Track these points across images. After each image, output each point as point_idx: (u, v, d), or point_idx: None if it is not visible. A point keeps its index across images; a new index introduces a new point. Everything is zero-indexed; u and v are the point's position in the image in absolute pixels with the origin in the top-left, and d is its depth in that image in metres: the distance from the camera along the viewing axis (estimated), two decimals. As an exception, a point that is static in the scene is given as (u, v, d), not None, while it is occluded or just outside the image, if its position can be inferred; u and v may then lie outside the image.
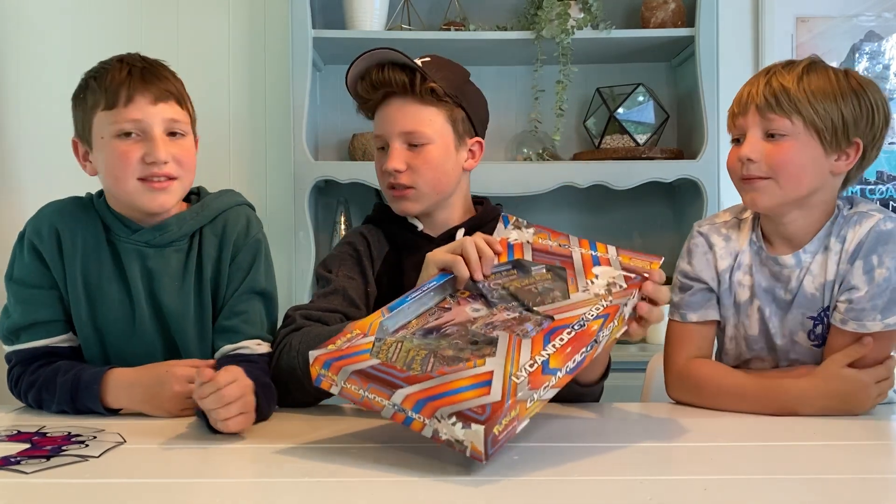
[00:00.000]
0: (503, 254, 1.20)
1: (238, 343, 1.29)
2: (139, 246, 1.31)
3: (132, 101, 1.25)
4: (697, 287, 1.35)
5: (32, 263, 1.30)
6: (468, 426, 0.88)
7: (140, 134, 1.26)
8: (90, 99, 1.29)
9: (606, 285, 1.11)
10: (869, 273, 1.23)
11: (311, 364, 1.00)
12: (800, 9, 2.61)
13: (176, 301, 1.31)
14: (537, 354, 0.97)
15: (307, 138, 2.36)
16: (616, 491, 0.90)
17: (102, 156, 1.28)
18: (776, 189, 1.26)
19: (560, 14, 2.34)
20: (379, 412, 0.95)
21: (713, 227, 1.38)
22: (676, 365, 1.34)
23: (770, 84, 1.26)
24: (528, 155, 2.52)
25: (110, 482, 0.91)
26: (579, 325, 1.03)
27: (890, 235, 1.24)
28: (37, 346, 1.29)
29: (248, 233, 1.36)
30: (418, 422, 0.92)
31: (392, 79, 1.36)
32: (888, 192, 2.62)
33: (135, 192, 1.26)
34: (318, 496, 0.88)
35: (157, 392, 1.19)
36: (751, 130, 1.27)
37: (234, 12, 2.64)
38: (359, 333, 1.04)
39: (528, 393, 0.93)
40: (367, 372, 0.96)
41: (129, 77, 1.26)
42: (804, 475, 0.96)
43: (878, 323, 1.22)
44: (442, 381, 0.94)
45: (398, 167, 1.36)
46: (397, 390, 0.93)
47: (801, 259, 1.29)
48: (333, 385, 0.99)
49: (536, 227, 1.25)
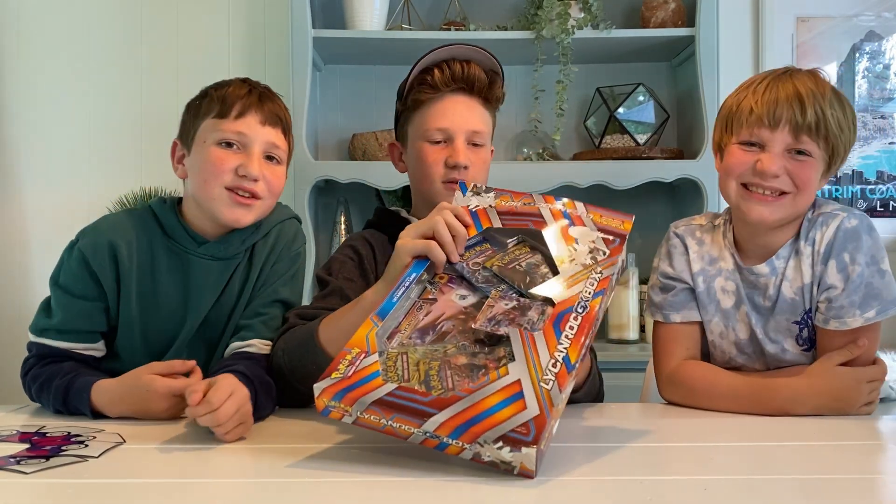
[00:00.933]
0: (471, 226, 1.14)
1: (248, 340, 1.31)
2: (205, 259, 1.34)
3: (243, 116, 1.30)
4: (679, 287, 1.36)
5: (81, 274, 1.31)
6: (517, 449, 0.86)
7: (240, 147, 1.31)
8: (205, 106, 1.33)
9: (589, 252, 1.09)
10: (843, 271, 1.25)
11: (317, 396, 0.94)
12: (800, 9, 2.61)
13: (219, 303, 1.35)
14: (555, 351, 0.95)
15: (307, 138, 2.36)
16: (616, 491, 0.90)
17: (198, 159, 1.32)
18: (791, 205, 1.26)
19: (560, 14, 2.35)
20: (404, 439, 0.92)
21: (689, 228, 1.40)
22: (667, 367, 1.35)
23: (814, 110, 1.23)
24: (529, 155, 2.52)
25: (110, 482, 0.91)
26: (582, 307, 1.01)
27: (856, 232, 1.25)
28: (60, 347, 1.31)
29: (293, 244, 1.41)
30: (455, 447, 0.89)
31: (476, 77, 1.40)
32: (888, 192, 2.62)
33: (219, 199, 1.30)
34: (318, 496, 0.88)
35: (143, 407, 1.19)
36: (776, 145, 1.25)
37: (234, 12, 2.64)
38: (359, 353, 0.97)
39: (559, 396, 0.91)
40: (386, 401, 0.92)
41: (248, 95, 1.32)
42: (804, 475, 0.95)
43: (857, 319, 1.24)
44: (472, 400, 0.90)
45: (468, 163, 1.39)
46: (428, 419, 0.89)
47: (774, 266, 1.30)
48: (346, 416, 0.93)
49: (496, 189, 1.20)
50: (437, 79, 1.39)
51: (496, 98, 1.46)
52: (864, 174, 2.63)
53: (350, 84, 2.63)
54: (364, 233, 1.48)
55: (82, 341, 1.32)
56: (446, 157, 1.38)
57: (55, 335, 1.31)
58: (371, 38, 2.38)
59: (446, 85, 1.40)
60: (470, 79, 1.40)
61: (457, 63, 1.40)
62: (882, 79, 2.63)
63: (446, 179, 1.39)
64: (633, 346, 2.33)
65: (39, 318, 1.33)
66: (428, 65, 1.41)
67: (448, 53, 1.41)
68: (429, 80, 1.40)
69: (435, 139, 1.40)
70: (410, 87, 1.43)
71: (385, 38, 2.38)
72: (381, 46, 2.43)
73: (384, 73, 2.60)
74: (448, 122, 1.39)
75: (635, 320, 2.36)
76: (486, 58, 1.43)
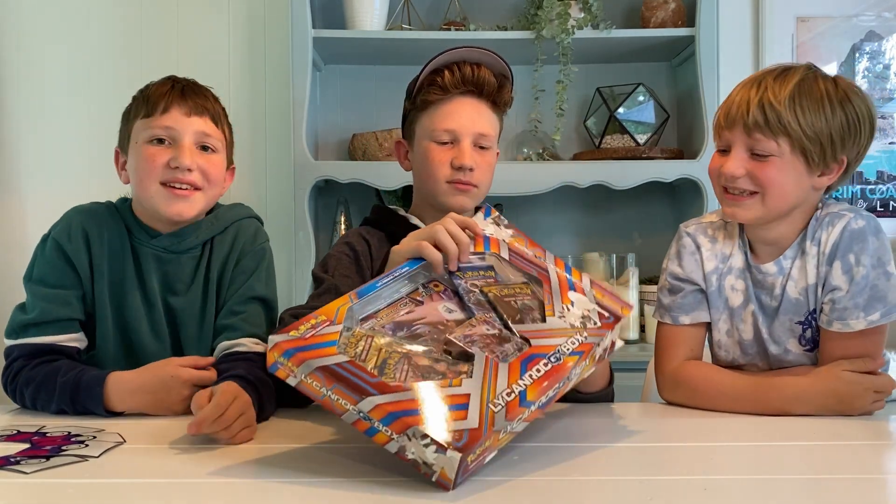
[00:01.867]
0: (479, 241, 1.15)
1: (236, 340, 1.32)
2: (157, 251, 1.37)
3: (167, 111, 1.33)
4: (689, 289, 1.35)
5: (56, 263, 1.33)
6: (442, 451, 0.83)
7: (171, 142, 1.33)
8: (134, 109, 1.37)
9: (581, 317, 1.07)
10: (848, 272, 1.24)
11: (269, 349, 0.93)
12: (800, 9, 2.61)
13: (184, 303, 1.37)
14: (515, 383, 0.92)
15: (307, 138, 2.36)
16: (616, 491, 0.90)
17: (133, 160, 1.35)
18: (759, 206, 1.26)
19: (560, 14, 2.34)
20: (339, 415, 0.90)
21: (700, 227, 1.39)
22: (669, 367, 1.34)
23: (761, 103, 1.22)
24: (529, 155, 2.52)
25: (110, 482, 0.91)
26: (556, 357, 0.98)
27: (862, 233, 1.25)
28: (43, 343, 1.30)
29: (254, 241, 1.43)
30: (384, 434, 0.87)
31: (485, 81, 1.41)
32: (888, 192, 2.62)
33: (156, 195, 1.33)
34: (318, 496, 0.88)
35: (164, 397, 1.21)
36: (736, 146, 1.26)
37: (234, 12, 2.64)
38: (325, 320, 0.96)
39: (504, 423, 0.88)
40: (333, 370, 0.90)
41: (171, 90, 1.35)
42: (804, 475, 0.96)
43: (861, 321, 1.23)
44: (414, 394, 0.88)
45: (474, 165, 1.39)
46: (366, 397, 0.87)
47: (782, 265, 1.30)
48: (291, 376, 0.92)
49: (515, 229, 1.21)
50: (446, 80, 1.40)
51: (504, 102, 1.46)
52: (864, 174, 2.63)
53: (350, 84, 2.63)
54: (360, 229, 1.48)
55: (63, 331, 1.32)
56: (452, 158, 1.39)
57: (35, 331, 1.30)
58: (371, 38, 2.37)
59: (456, 87, 1.40)
60: (479, 82, 1.41)
61: (467, 66, 1.41)
62: (882, 79, 2.63)
63: (451, 180, 1.40)
64: (633, 346, 2.33)
65: (16, 318, 1.33)
66: (439, 66, 1.42)
67: (459, 56, 1.42)
68: (438, 81, 1.41)
69: (442, 140, 1.41)
70: (420, 86, 1.44)
71: (385, 38, 2.38)
72: (381, 46, 2.43)
73: (384, 73, 2.60)
74: (455, 123, 1.40)
75: (635, 320, 2.36)
76: (497, 61, 1.44)
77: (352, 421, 0.89)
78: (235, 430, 1.07)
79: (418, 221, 1.44)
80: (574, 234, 2.66)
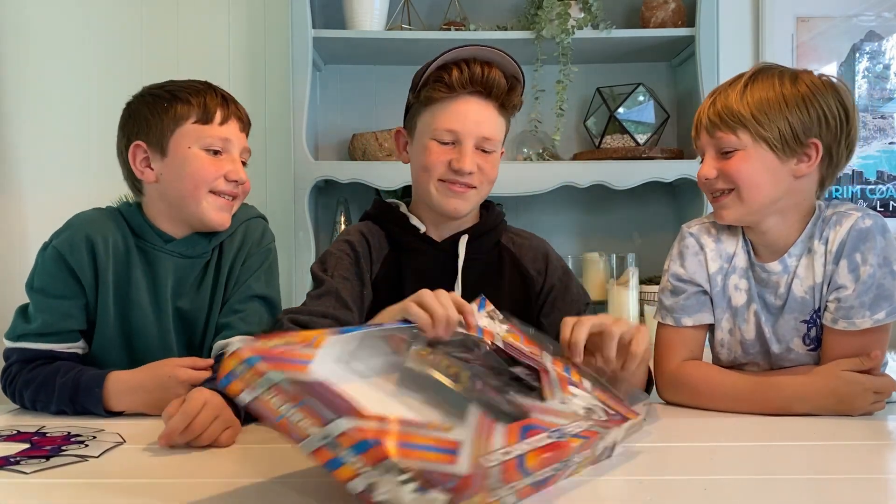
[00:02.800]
0: (471, 329, 1.05)
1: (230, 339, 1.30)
2: (173, 256, 1.37)
3: (226, 123, 1.36)
4: (692, 290, 1.35)
5: (57, 273, 1.32)
6: (425, 490, 0.67)
7: (224, 153, 1.36)
8: (180, 109, 1.34)
9: (585, 409, 0.97)
10: (854, 271, 1.24)
11: (227, 356, 0.78)
12: (800, 9, 2.61)
13: (194, 304, 1.38)
14: (513, 445, 0.80)
15: (307, 138, 2.36)
16: (616, 491, 0.90)
17: (180, 163, 1.33)
18: (738, 202, 1.28)
19: (560, 14, 2.35)
20: (295, 442, 0.74)
21: (703, 227, 1.39)
22: (669, 368, 1.34)
23: (714, 104, 1.28)
24: (529, 155, 2.52)
25: (110, 482, 0.91)
26: (558, 434, 0.87)
27: (869, 232, 1.25)
28: (42, 349, 1.31)
29: (261, 241, 1.44)
30: (349, 468, 0.70)
31: (495, 82, 1.35)
32: (888, 192, 2.62)
33: (206, 203, 1.34)
34: (318, 496, 0.88)
35: (161, 396, 1.20)
36: (706, 151, 1.31)
37: (234, 12, 2.64)
38: (299, 343, 0.83)
39: (498, 484, 0.75)
40: (309, 385, 0.75)
41: (225, 102, 1.37)
42: (804, 475, 0.96)
43: (867, 320, 1.23)
44: (399, 426, 0.73)
45: (473, 169, 1.35)
46: (341, 417, 0.71)
47: (787, 264, 1.30)
48: (247, 389, 0.76)
49: (510, 324, 1.13)
50: (454, 78, 1.34)
51: (514, 105, 1.40)
52: (864, 174, 2.63)
53: (350, 84, 2.63)
54: (360, 225, 1.45)
55: (63, 341, 1.33)
56: (451, 159, 1.34)
57: (35, 339, 1.31)
58: (371, 38, 2.37)
59: (463, 86, 1.34)
60: (489, 83, 1.35)
61: (477, 64, 1.34)
62: (882, 79, 2.63)
63: (445, 178, 1.35)
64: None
65: (17, 324, 1.33)
66: (448, 62, 1.36)
67: (470, 53, 1.36)
68: (445, 78, 1.34)
69: (443, 140, 1.36)
70: (425, 81, 1.38)
71: (385, 38, 2.38)
72: (381, 46, 2.43)
73: (384, 73, 2.60)
74: (459, 125, 1.35)
75: (635, 320, 2.36)
76: (510, 63, 1.37)
77: (311, 450, 0.73)
78: (214, 434, 1.05)
79: (417, 222, 1.42)
80: (574, 234, 2.66)
